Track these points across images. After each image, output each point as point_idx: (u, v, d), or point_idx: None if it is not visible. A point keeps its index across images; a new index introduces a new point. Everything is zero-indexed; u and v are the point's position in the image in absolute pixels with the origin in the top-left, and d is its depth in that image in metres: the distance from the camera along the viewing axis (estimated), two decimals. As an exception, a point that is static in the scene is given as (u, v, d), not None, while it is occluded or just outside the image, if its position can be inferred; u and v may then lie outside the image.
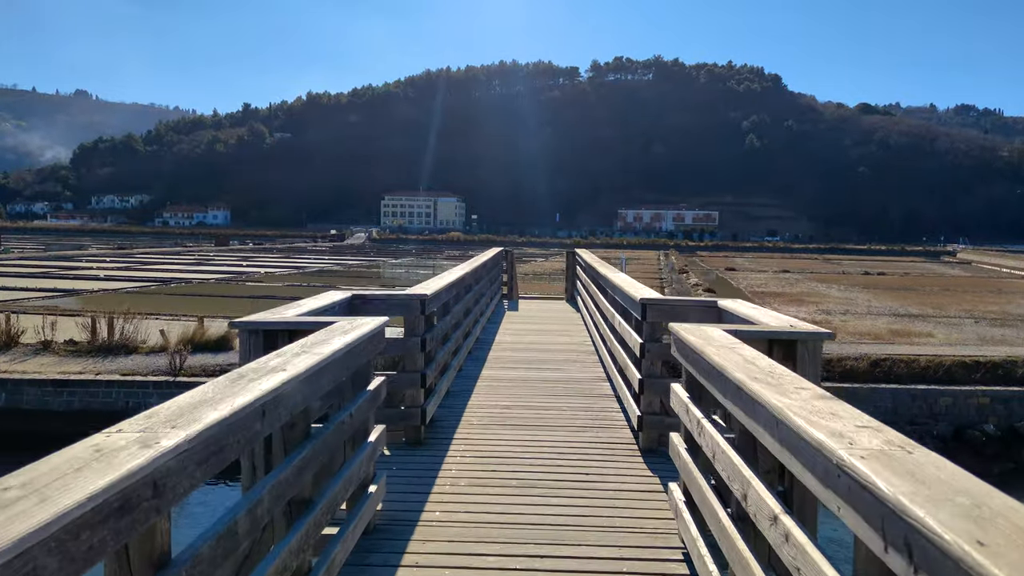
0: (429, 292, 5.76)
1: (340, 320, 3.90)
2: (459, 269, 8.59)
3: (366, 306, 5.25)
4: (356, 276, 37.81)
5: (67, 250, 59.59)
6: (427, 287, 6.19)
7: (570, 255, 16.28)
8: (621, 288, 6.43)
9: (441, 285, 6.50)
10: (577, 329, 11.76)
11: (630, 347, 5.92)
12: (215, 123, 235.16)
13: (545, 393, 7.31)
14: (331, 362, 3.02)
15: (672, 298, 6.54)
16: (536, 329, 11.92)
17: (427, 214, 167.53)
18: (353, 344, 3.36)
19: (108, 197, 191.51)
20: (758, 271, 48.76)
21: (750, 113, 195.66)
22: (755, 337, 3.56)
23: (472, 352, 9.12)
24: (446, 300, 6.92)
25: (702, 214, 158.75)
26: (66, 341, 11.53)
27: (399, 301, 5.61)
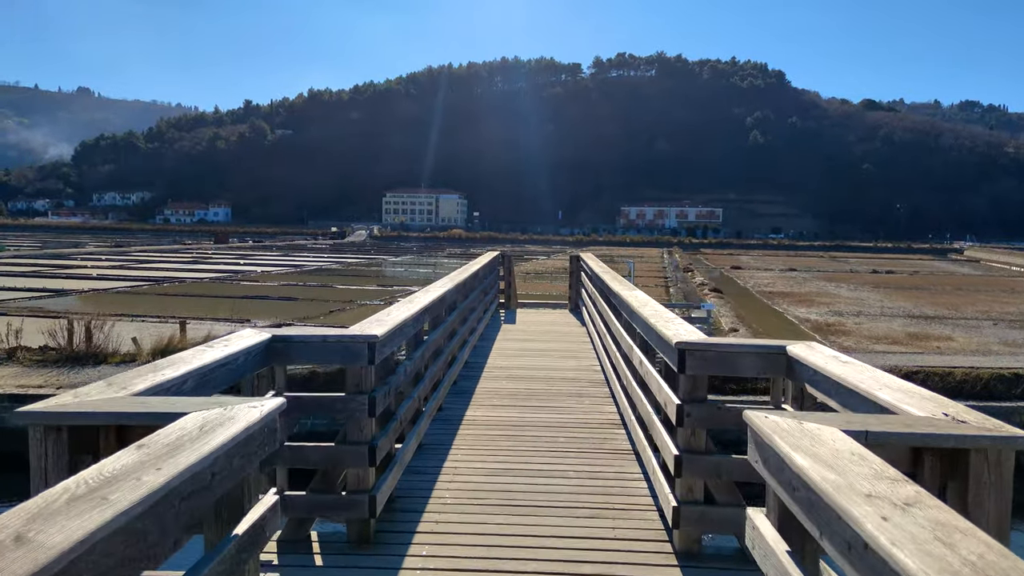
0: (382, 331, 4.00)
1: (203, 413, 2.19)
2: (439, 286, 6.97)
3: (289, 352, 3.80)
4: (355, 275, 37.07)
5: (64, 248, 58.95)
6: (383, 321, 4.39)
7: (574, 260, 14.52)
8: (645, 319, 4.82)
9: (405, 316, 4.74)
10: (583, 349, 10.14)
11: (660, 405, 4.33)
12: (216, 120, 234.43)
13: (544, 448, 5.65)
14: (144, 511, 1.57)
15: (719, 341, 4.38)
16: (536, 349, 10.11)
17: (429, 211, 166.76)
18: (196, 469, 1.81)
19: (109, 194, 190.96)
20: (764, 269, 47.94)
21: (754, 109, 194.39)
22: (891, 441, 2.15)
23: (458, 382, 7.71)
24: (416, 331, 5.38)
25: (705, 211, 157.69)
26: (38, 348, 10.78)
27: (337, 345, 3.91)
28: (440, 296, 6.40)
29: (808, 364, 3.29)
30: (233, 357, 3.21)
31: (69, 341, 12.43)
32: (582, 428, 6.28)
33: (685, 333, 4.06)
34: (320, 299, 24.71)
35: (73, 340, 12.58)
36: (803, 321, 20.75)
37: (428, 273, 39.59)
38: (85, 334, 12.19)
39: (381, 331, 4.00)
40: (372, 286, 30.35)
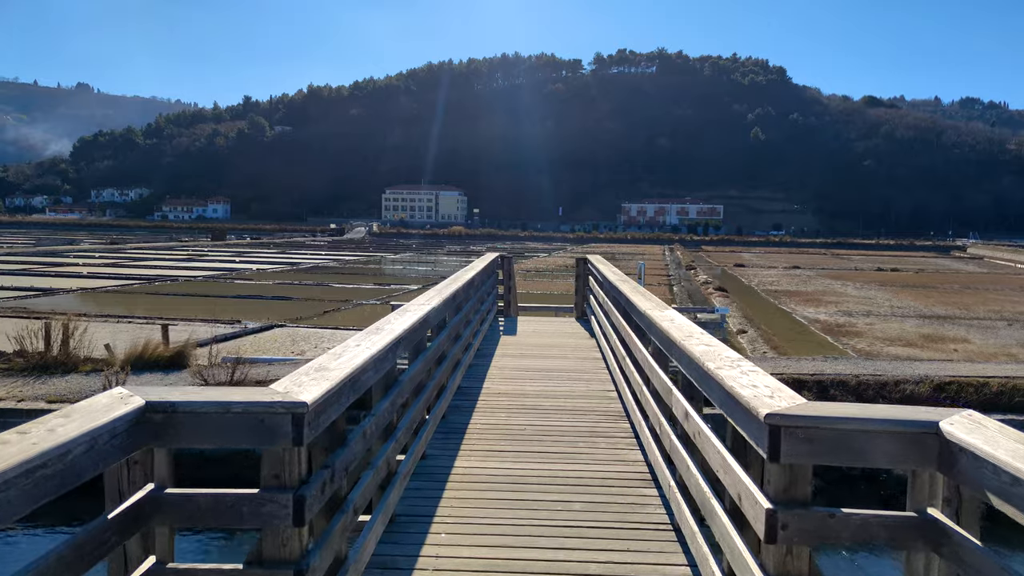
0: (317, 394, 2.58)
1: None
2: (421, 303, 5.48)
3: (173, 428, 2.33)
4: (352, 273, 36.42)
5: (58, 245, 58.28)
6: (325, 372, 2.94)
7: (581, 263, 12.93)
8: (699, 362, 3.38)
9: (362, 360, 3.27)
10: (594, 367, 8.67)
11: (726, 489, 2.96)
12: (215, 116, 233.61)
13: (554, 521, 4.20)
14: None
15: (836, 412, 2.45)
16: (540, 369, 8.56)
17: (429, 208, 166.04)
18: None
19: (108, 191, 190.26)
20: (768, 267, 47.28)
21: (755, 106, 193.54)
22: None
23: (447, 416, 6.30)
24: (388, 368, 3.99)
25: (706, 208, 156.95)
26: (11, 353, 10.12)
27: (245, 418, 2.40)
28: (422, 317, 4.92)
29: (974, 450, 2.02)
30: (74, 444, 1.85)
31: (46, 346, 11.81)
32: (601, 488, 4.69)
33: (770, 393, 2.62)
34: (315, 299, 24.06)
35: (50, 344, 11.97)
36: (813, 322, 20.12)
37: (427, 271, 38.96)
38: (61, 339, 11.56)
39: (315, 393, 2.55)
40: (369, 284, 29.70)
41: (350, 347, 3.53)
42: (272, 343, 15.42)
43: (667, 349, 4.37)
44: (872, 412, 2.43)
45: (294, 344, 15.26)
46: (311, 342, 15.45)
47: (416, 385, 4.91)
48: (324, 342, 15.64)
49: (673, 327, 4.35)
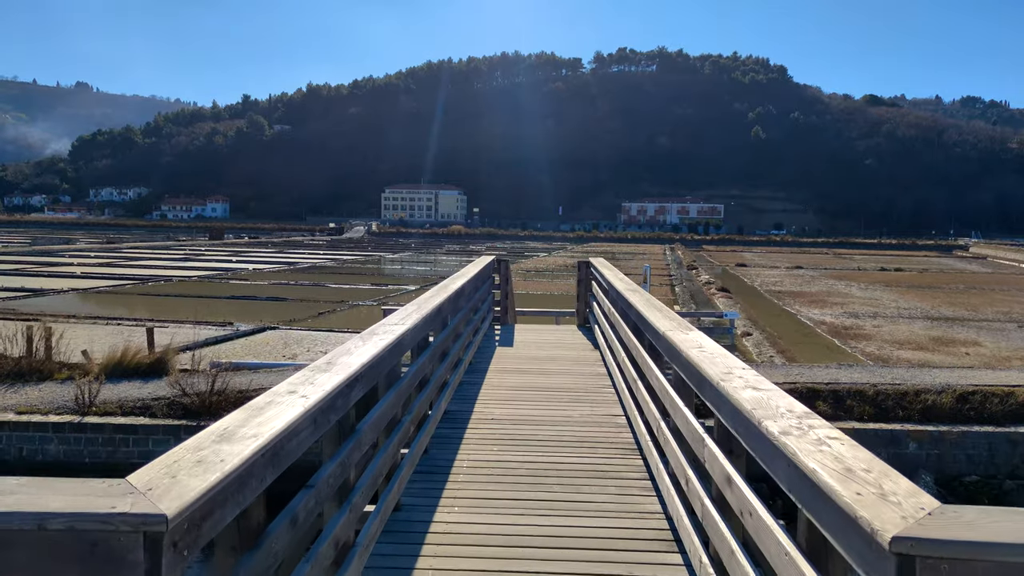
0: (181, 504, 1.52)
1: None
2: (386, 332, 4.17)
3: None
4: (349, 273, 35.97)
5: (54, 244, 57.84)
6: (211, 463, 1.77)
7: (583, 267, 12.04)
8: (772, 439, 2.21)
9: (271, 436, 2.06)
10: (598, 385, 7.65)
11: None
12: (214, 115, 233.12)
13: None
14: None
15: (1007, 534, 1.39)
16: (538, 387, 7.53)
17: (428, 207, 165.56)
18: None
19: (106, 190, 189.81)
20: (770, 267, 46.84)
21: (755, 105, 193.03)
22: None
23: (429, 451, 5.32)
24: (341, 414, 3.03)
25: (707, 207, 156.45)
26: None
27: (70, 540, 1.40)
28: (393, 342, 3.91)
29: None
30: None
31: (29, 350, 11.37)
32: (613, 551, 3.76)
33: (876, 484, 1.71)
34: (310, 299, 23.62)
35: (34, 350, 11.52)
36: (818, 324, 19.67)
37: (425, 271, 38.52)
38: (44, 344, 11.11)
39: (187, 496, 1.56)
40: (366, 285, 29.26)
41: (280, 396, 2.46)
42: (264, 346, 14.99)
43: (696, 385, 3.41)
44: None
45: (286, 347, 14.83)
46: (304, 345, 15.01)
47: (389, 421, 4.01)
48: (317, 345, 15.20)
49: (704, 358, 3.38)
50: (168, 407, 7.47)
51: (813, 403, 7.20)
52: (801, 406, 2.44)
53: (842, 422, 7.03)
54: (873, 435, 6.95)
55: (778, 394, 2.64)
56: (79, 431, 7.28)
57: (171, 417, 7.41)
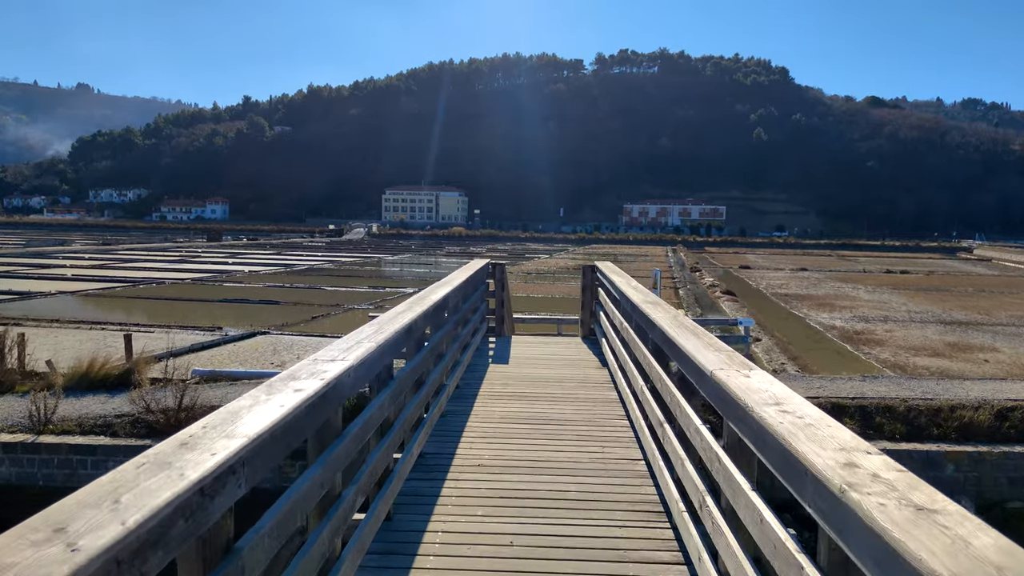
0: None
1: None
2: (317, 375, 2.84)
3: None
4: (347, 275, 35.32)
5: (48, 246, 57.22)
6: None
7: (588, 272, 10.87)
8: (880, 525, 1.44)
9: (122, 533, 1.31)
10: (610, 415, 6.39)
11: None
12: (215, 116, 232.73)
13: None
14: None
15: None
16: (537, 420, 6.21)
17: (429, 209, 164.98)
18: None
19: (106, 191, 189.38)
20: (774, 269, 46.17)
21: (757, 106, 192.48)
22: None
23: (392, 517, 4.12)
24: (204, 529, 1.76)
25: (709, 209, 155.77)
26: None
27: None
28: (312, 397, 2.54)
29: None
30: None
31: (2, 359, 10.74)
32: None
33: None
34: (305, 302, 22.98)
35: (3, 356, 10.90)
36: (828, 328, 19.00)
37: (424, 273, 37.85)
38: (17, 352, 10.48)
39: None
40: (363, 288, 28.61)
41: (128, 475, 1.63)
42: (252, 352, 14.33)
43: (784, 474, 2.12)
44: None
45: (275, 354, 14.17)
46: (293, 352, 14.36)
47: (321, 500, 2.76)
48: (308, 351, 14.58)
49: (797, 431, 2.12)
50: (132, 425, 6.83)
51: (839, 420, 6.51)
52: (947, 497, 1.62)
53: (873, 442, 6.38)
54: (907, 456, 6.30)
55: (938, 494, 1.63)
56: (32, 451, 6.64)
57: (135, 436, 6.76)
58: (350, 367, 3.07)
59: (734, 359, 3.29)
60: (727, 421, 2.88)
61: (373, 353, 3.51)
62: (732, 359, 3.29)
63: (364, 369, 3.36)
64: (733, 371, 2.99)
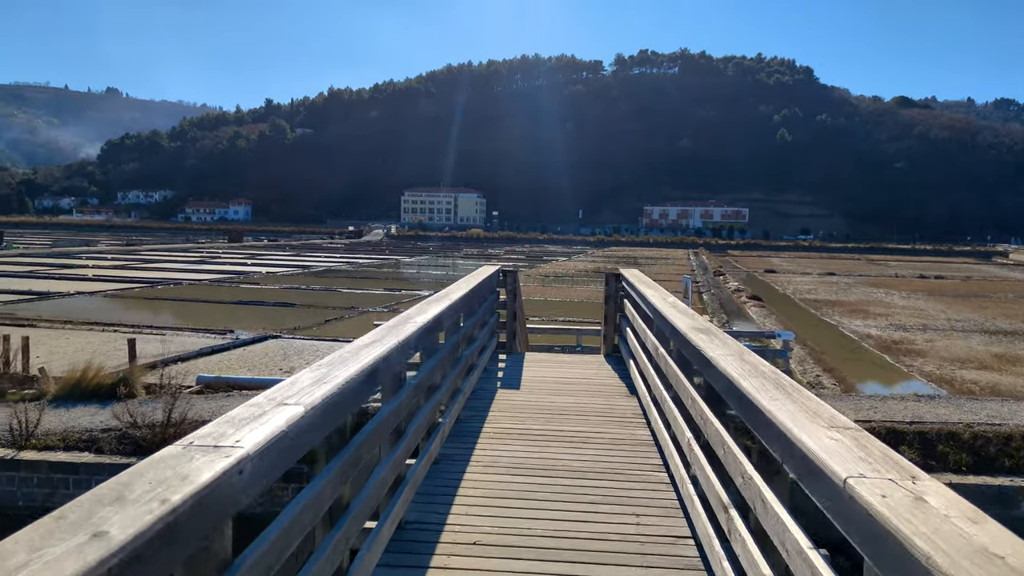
0: None
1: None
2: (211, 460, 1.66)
3: None
4: (364, 277, 34.95)
5: (75, 246, 57.72)
6: None
7: (611, 280, 9.51)
8: None
9: None
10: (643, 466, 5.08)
11: None
12: (238, 119, 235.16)
13: None
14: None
15: None
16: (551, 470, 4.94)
17: (448, 210, 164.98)
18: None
19: (133, 193, 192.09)
20: (800, 273, 45.01)
21: (781, 107, 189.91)
22: None
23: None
24: None
25: (731, 211, 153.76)
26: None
27: None
28: (209, 483, 1.55)
29: None
30: None
31: (5, 364, 10.37)
32: None
33: None
34: (320, 305, 22.56)
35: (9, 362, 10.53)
36: (864, 337, 18.12)
37: (441, 275, 37.37)
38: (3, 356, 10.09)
39: None
40: (379, 290, 28.18)
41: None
42: (262, 357, 13.88)
43: None
44: None
45: (285, 359, 13.71)
46: (304, 356, 13.89)
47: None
48: (319, 356, 14.13)
49: None
50: (118, 441, 6.32)
51: (896, 448, 5.80)
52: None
53: (936, 474, 5.67)
54: (976, 491, 5.58)
55: None
56: (12, 468, 6.15)
57: (121, 453, 6.25)
58: (282, 431, 1.97)
59: (889, 460, 1.81)
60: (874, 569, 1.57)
61: (328, 401, 2.38)
62: (886, 459, 1.81)
63: (304, 429, 2.15)
64: (895, 487, 1.60)
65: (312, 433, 2.28)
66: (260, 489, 1.94)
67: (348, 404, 2.72)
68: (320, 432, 2.42)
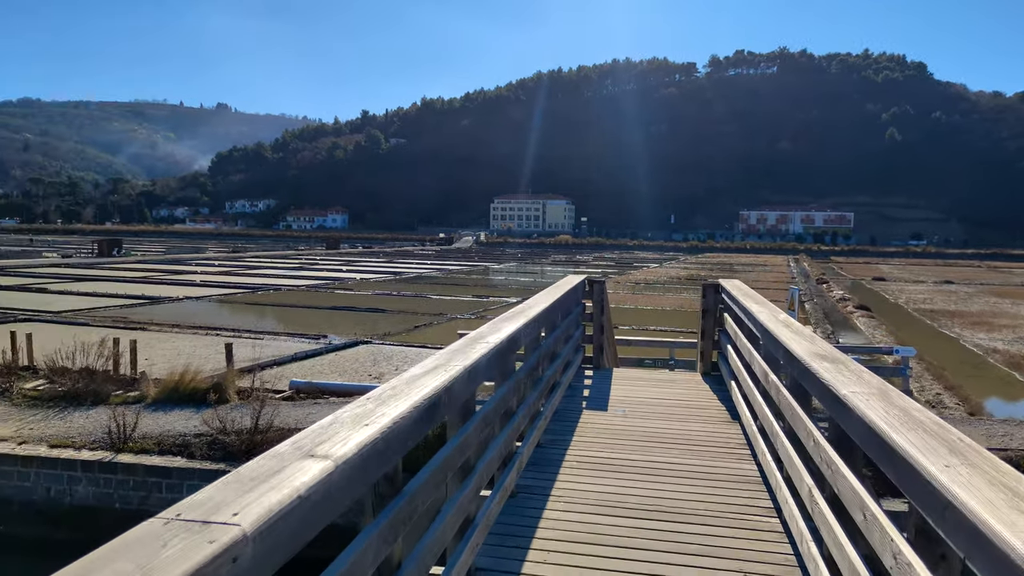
0: None
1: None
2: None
3: None
4: (452, 283, 35.32)
5: (184, 253, 61.62)
6: None
7: (710, 292, 8.71)
8: None
9: None
10: (750, 503, 4.52)
11: None
12: (336, 130, 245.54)
13: None
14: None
15: None
16: (644, 511, 4.36)
17: (536, 217, 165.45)
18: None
19: (240, 202, 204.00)
20: (913, 281, 41.93)
21: (890, 105, 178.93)
22: None
23: None
24: None
25: (835, 215, 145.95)
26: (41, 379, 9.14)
27: None
28: None
29: None
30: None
31: (115, 366, 10.92)
32: None
33: None
34: (409, 311, 22.85)
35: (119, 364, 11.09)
36: (989, 352, 16.47)
37: (529, 282, 37.24)
38: (113, 358, 10.60)
39: None
40: (467, 296, 28.32)
41: None
42: (352, 363, 14.08)
43: None
44: None
45: (375, 365, 13.84)
46: (393, 363, 14.00)
47: None
48: (407, 363, 14.19)
49: None
50: (209, 447, 6.38)
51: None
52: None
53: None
54: None
55: None
56: (110, 471, 6.31)
57: (210, 459, 6.30)
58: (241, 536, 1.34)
59: None
60: None
61: (328, 481, 1.70)
62: None
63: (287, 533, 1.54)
64: None
65: (344, 493, 1.82)
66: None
67: (397, 448, 2.26)
68: (354, 491, 1.92)
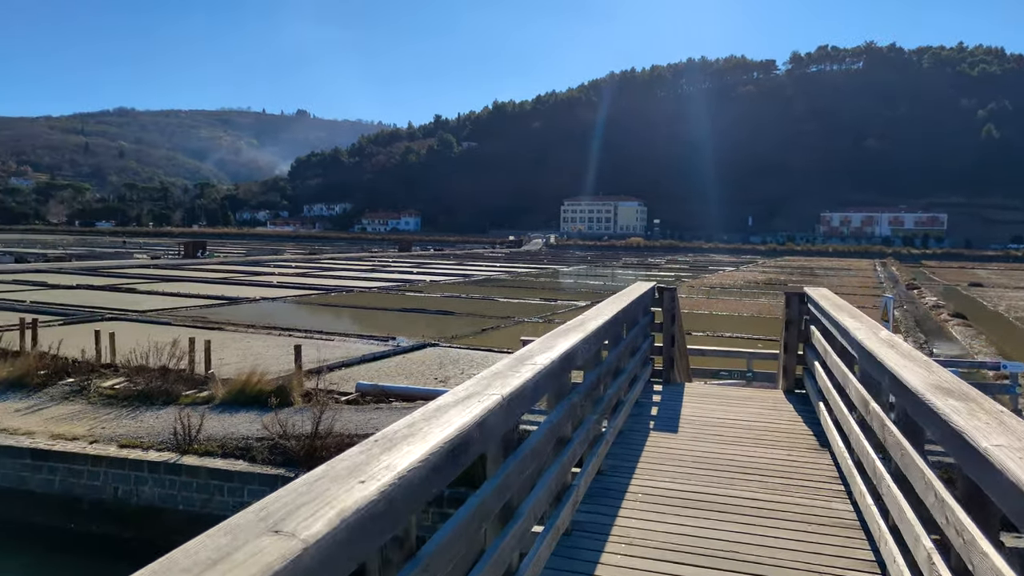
0: None
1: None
2: None
3: None
4: (520, 286, 35.13)
5: (264, 255, 63.94)
6: None
7: (795, 302, 7.90)
8: None
9: None
10: (846, 544, 3.98)
11: None
12: (409, 135, 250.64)
13: None
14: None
15: None
16: (717, 558, 3.80)
17: (607, 219, 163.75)
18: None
19: (317, 205, 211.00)
20: (1014, 288, 38.92)
21: (987, 100, 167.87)
22: None
23: None
24: None
25: (926, 217, 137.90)
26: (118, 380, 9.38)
27: None
28: None
29: None
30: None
31: (190, 365, 11.18)
32: None
33: None
34: (477, 314, 22.75)
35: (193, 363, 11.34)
36: (1111, 367, 14.86)
37: (598, 285, 36.61)
38: (188, 357, 10.82)
39: None
40: (535, 299, 28.04)
41: None
42: (419, 365, 14.00)
43: None
44: None
45: (441, 368, 13.72)
46: (459, 366, 13.85)
47: None
48: (473, 366, 14.01)
49: None
50: (270, 451, 6.31)
51: None
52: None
53: None
54: None
55: None
56: (174, 473, 6.32)
57: (271, 463, 6.22)
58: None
59: None
60: None
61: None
62: None
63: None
64: None
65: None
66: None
67: (406, 507, 1.73)
68: (338, 571, 1.37)
